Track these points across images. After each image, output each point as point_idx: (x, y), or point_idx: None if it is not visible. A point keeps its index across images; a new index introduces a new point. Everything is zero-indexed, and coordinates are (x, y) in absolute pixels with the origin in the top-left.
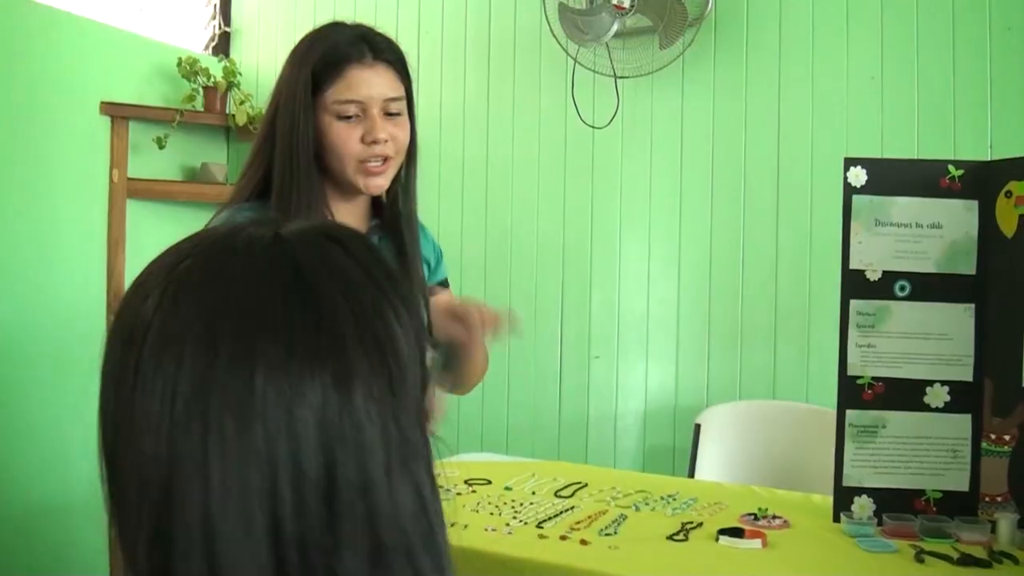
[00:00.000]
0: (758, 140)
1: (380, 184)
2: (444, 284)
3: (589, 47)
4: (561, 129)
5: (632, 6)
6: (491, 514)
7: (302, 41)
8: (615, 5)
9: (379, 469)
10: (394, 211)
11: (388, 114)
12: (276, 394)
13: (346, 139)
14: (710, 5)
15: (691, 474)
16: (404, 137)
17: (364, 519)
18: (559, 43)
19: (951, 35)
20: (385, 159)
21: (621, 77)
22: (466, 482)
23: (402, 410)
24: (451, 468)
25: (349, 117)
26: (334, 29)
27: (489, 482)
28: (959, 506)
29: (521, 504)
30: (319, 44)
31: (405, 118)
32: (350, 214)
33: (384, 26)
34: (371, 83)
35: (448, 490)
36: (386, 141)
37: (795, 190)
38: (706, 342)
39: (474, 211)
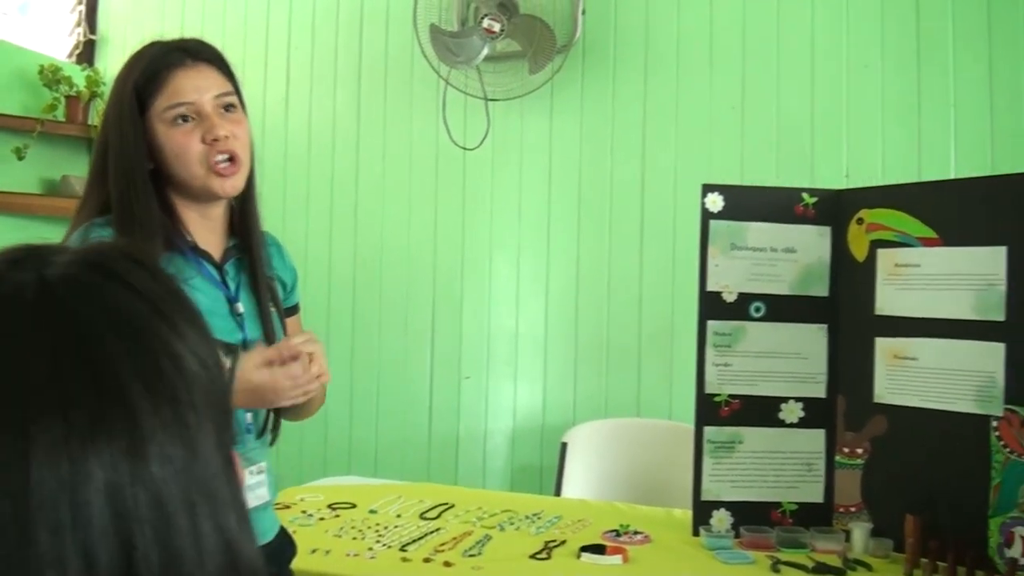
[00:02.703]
0: (624, 165)
1: (235, 184)
2: (295, 309)
3: (460, 69)
4: (432, 149)
5: (502, 31)
6: (354, 538)
7: (123, 65)
8: (485, 29)
9: (184, 539)
10: (246, 228)
11: (222, 111)
12: (57, 481)
13: (186, 143)
14: (578, 33)
15: (558, 492)
16: (245, 133)
17: None
18: (430, 64)
19: (810, 70)
20: (231, 158)
21: (492, 100)
22: (330, 506)
23: (203, 465)
24: (315, 493)
25: (183, 121)
26: (150, 45)
27: (354, 506)
28: (814, 517)
29: (385, 527)
30: (137, 61)
31: (242, 114)
32: (209, 230)
33: (253, 40)
34: (196, 84)
35: (310, 515)
36: (227, 137)
37: (659, 214)
38: (573, 361)
39: (343, 230)
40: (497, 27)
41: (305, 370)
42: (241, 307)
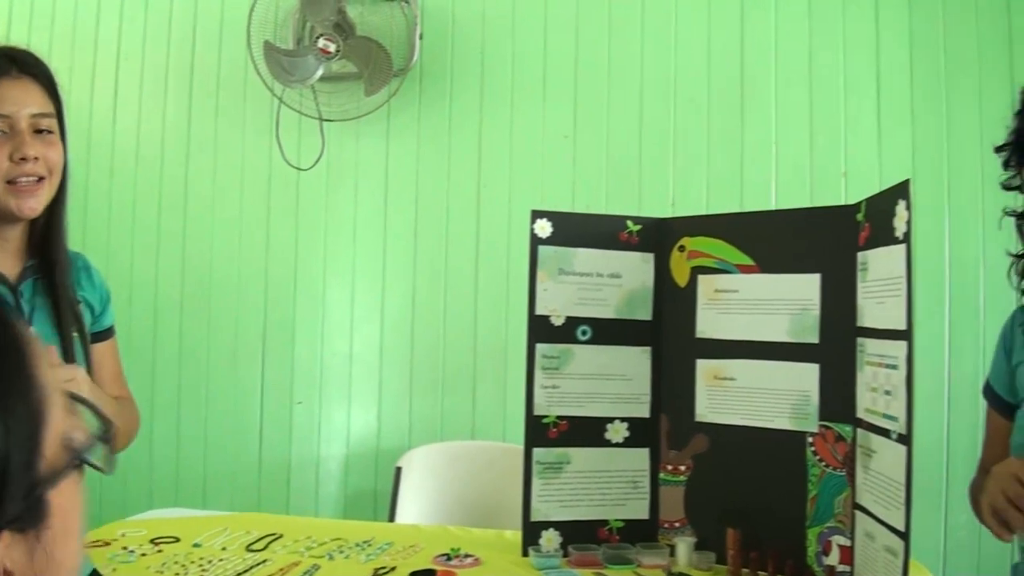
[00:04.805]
0: (460, 189)
1: (33, 206)
2: (109, 332)
3: (295, 88)
4: (265, 169)
5: (338, 51)
6: (176, 574)
7: None
8: (321, 49)
9: None
10: (48, 249)
11: (38, 131)
12: None
13: None
14: (415, 57)
15: (392, 518)
16: (57, 157)
17: None
18: (264, 82)
19: (639, 102)
20: (38, 179)
21: (327, 120)
22: (152, 541)
23: None
24: (137, 527)
25: None
26: None
27: (177, 540)
28: (640, 533)
29: (210, 561)
30: None
31: (56, 137)
32: (2, 250)
33: (81, 47)
34: (16, 98)
35: (131, 552)
36: (36, 159)
37: (493, 238)
38: (409, 385)
39: (171, 250)
40: (332, 47)
41: None
42: (34, 332)
